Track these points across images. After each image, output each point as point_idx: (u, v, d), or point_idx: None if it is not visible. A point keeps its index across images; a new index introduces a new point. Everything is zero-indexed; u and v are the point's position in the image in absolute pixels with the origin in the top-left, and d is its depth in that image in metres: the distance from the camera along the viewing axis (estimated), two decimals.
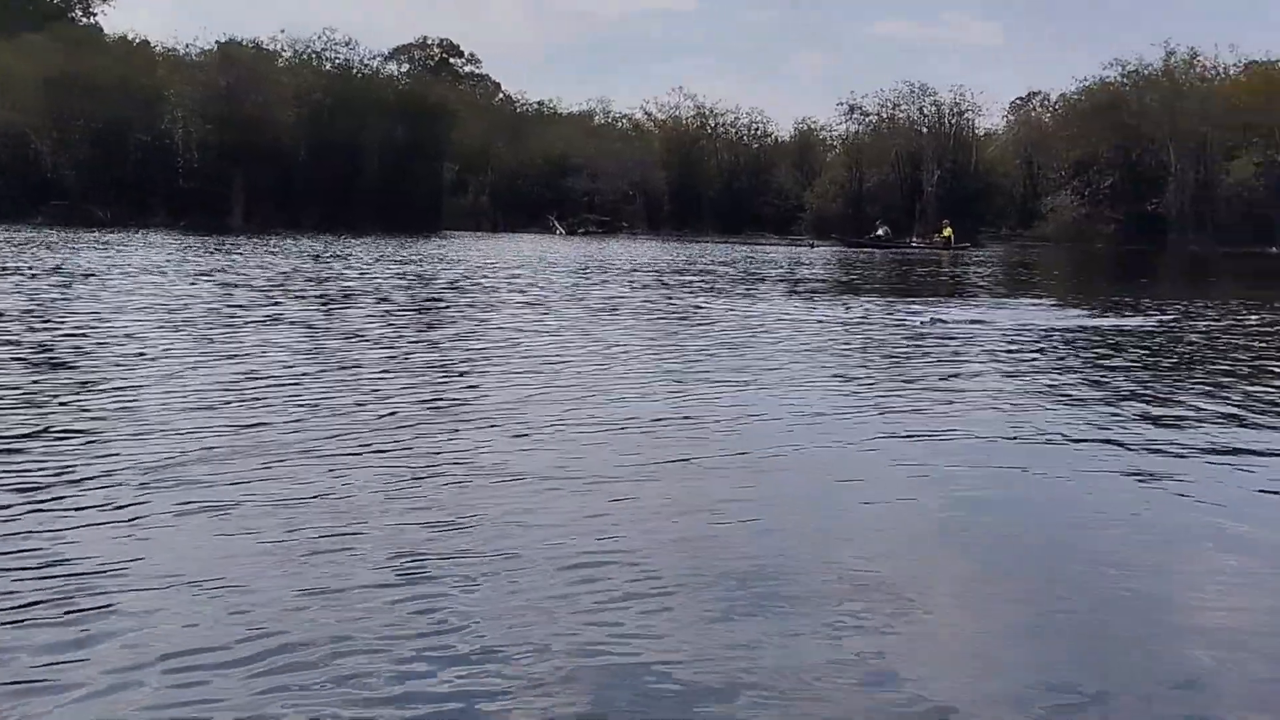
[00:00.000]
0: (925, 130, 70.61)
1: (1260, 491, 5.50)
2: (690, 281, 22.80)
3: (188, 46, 65.93)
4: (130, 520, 4.64)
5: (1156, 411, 7.66)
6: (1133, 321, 14.80)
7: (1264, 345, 12.44)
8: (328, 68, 67.45)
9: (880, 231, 55.87)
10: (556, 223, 73.29)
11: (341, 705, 3.03)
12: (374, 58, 72.14)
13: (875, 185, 70.75)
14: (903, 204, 66.86)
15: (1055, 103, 75.41)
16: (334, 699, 3.06)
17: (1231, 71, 64.03)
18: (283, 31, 75.93)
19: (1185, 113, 61.08)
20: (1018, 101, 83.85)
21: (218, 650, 3.35)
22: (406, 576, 4.05)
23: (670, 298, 17.97)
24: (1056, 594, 4.08)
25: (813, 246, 54.50)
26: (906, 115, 72.16)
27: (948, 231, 53.00)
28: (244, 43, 65.52)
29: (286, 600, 3.78)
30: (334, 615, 3.66)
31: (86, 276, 19.00)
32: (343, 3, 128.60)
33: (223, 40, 64.61)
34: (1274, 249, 53.76)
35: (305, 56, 67.01)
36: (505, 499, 5.13)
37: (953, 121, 70.87)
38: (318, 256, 29.94)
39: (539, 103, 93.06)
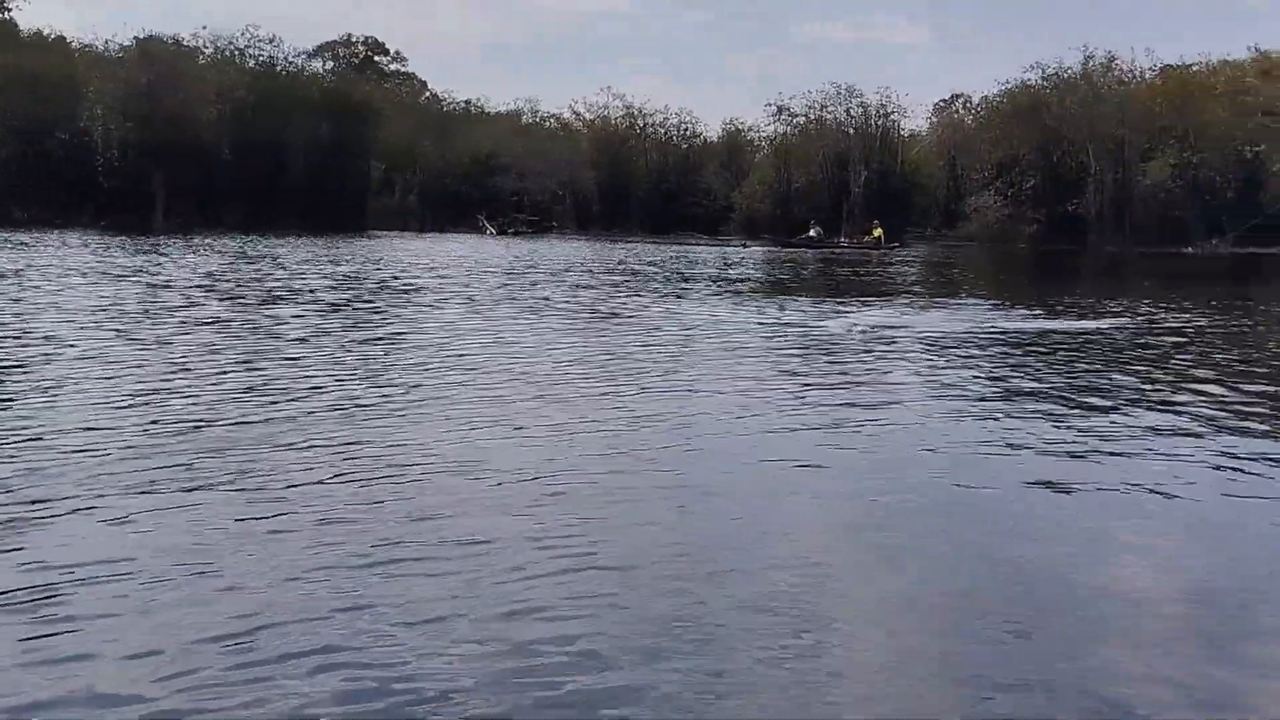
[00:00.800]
0: (852, 131, 71.26)
1: (1172, 486, 5.64)
2: (623, 282, 22.82)
3: (107, 43, 64.48)
4: (68, 519, 4.57)
5: (1074, 410, 7.83)
6: (1057, 324, 15.09)
7: (1180, 346, 12.75)
8: (251, 65, 66.34)
9: (813, 232, 56.40)
10: (486, 222, 72.82)
11: (295, 694, 3.01)
12: (299, 55, 71.24)
13: (803, 186, 71.23)
14: (830, 204, 67.40)
15: (977, 105, 76.72)
16: (286, 689, 3.04)
17: (1147, 75, 65.56)
18: (205, 28, 74.69)
19: (1103, 116, 62.38)
20: (941, 103, 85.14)
21: (170, 646, 3.32)
22: (356, 568, 4.04)
23: (603, 299, 17.96)
24: (974, 567, 4.24)
25: (745, 246, 54.78)
26: (833, 117, 72.86)
27: (878, 232, 53.77)
28: (164, 39, 64.13)
29: (229, 597, 3.74)
30: (283, 606, 3.64)
31: (6, 277, 18.51)
32: None
33: (141, 36, 63.21)
34: (1189, 249, 55.20)
35: (228, 54, 65.85)
36: (447, 493, 5.16)
37: (879, 123, 71.64)
38: (245, 257, 29.46)
39: (466, 101, 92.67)
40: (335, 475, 5.44)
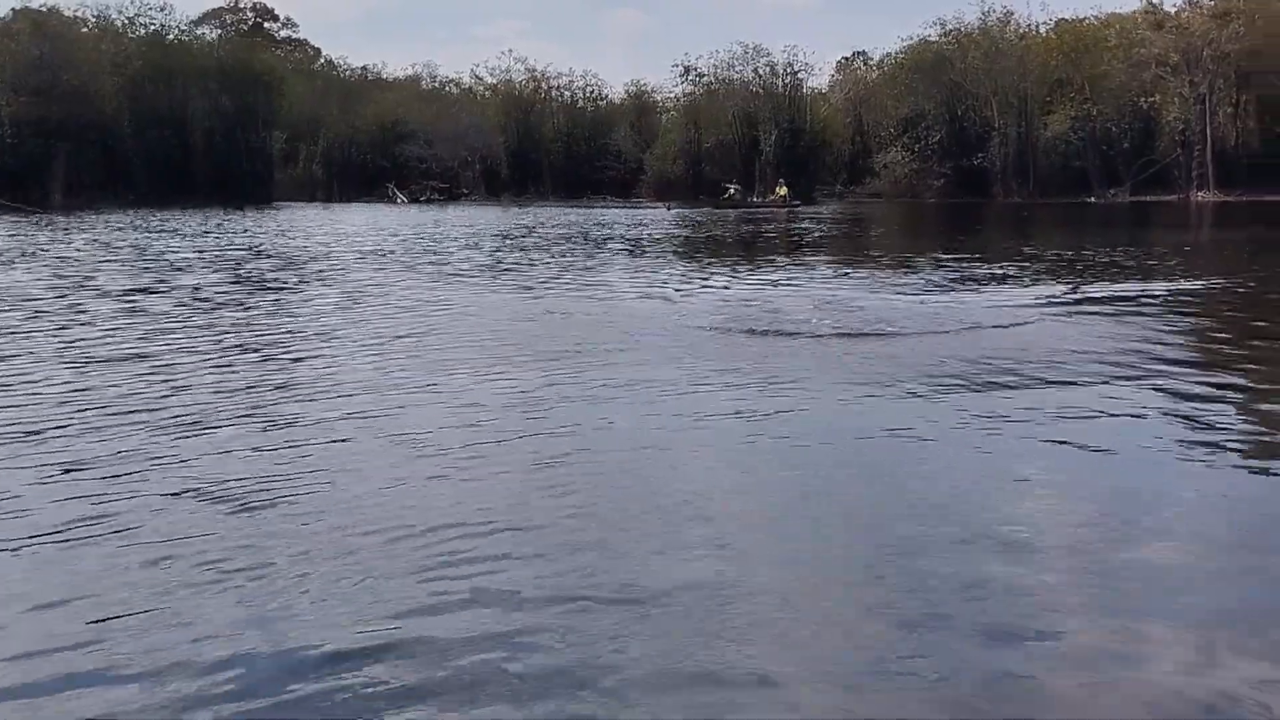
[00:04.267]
0: (760, 91, 71.42)
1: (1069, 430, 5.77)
2: (543, 247, 22.76)
3: None
4: None
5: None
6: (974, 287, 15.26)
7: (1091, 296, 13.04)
8: (142, 33, 64.22)
9: (733, 190, 56.95)
10: (398, 191, 71.82)
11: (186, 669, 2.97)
12: (187, 23, 69.16)
13: (714, 146, 71.37)
14: (742, 164, 67.70)
15: (880, 61, 77.54)
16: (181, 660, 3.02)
17: (1043, 29, 66.98)
18: None
19: (1004, 70, 63.58)
20: (843, 60, 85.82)
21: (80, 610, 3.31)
22: (244, 543, 3.99)
23: (530, 269, 17.85)
24: (865, 499, 4.37)
25: (669, 209, 54.71)
26: (741, 76, 72.98)
27: (783, 190, 54.75)
28: (42, 8, 61.35)
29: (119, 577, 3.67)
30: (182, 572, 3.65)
31: None
32: None
33: (19, 7, 60.49)
34: (1091, 199, 56.74)
35: (118, 23, 63.62)
36: (353, 464, 5.07)
37: (787, 81, 71.92)
38: (149, 231, 28.69)
39: (363, 68, 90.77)
40: (248, 447, 5.38)
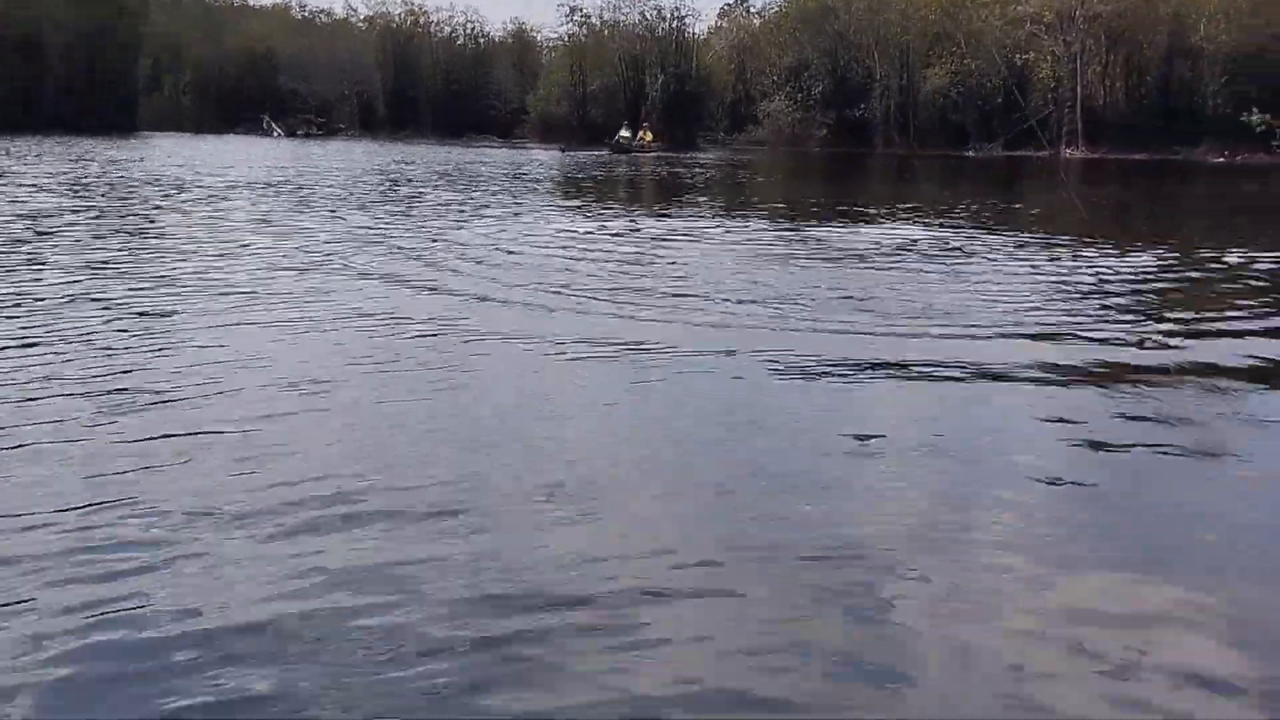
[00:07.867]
0: (647, 34, 70.79)
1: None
2: (442, 187, 22.28)
3: None
4: None
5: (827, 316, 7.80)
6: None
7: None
8: None
9: (625, 133, 56.40)
10: (274, 124, 69.27)
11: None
12: None
13: (598, 89, 70.68)
14: (627, 109, 67.12)
15: (762, 10, 77.58)
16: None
17: None
18: None
19: (887, 22, 64.30)
20: (725, 8, 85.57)
21: None
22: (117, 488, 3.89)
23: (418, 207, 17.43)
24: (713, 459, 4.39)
25: (564, 151, 53.95)
26: (627, 19, 72.19)
27: (648, 136, 54.79)
28: None
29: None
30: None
31: None
32: None
33: None
34: (969, 152, 58.03)
35: None
36: (219, 404, 5.01)
37: (674, 25, 71.45)
38: (9, 157, 27.15)
39: None
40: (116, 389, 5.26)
